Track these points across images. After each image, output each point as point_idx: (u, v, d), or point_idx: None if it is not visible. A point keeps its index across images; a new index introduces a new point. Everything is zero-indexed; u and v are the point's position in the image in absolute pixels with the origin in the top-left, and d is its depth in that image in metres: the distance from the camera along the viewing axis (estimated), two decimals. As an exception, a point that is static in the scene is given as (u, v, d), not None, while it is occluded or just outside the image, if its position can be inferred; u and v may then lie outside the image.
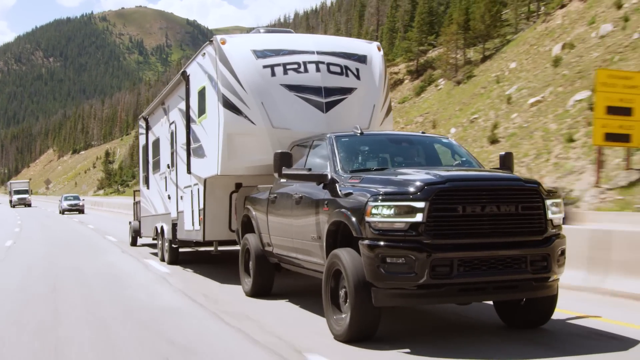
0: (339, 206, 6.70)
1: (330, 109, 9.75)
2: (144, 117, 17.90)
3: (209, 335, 7.10)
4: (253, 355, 6.22)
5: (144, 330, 7.51)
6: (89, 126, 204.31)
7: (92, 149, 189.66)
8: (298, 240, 7.85)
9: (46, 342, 6.96)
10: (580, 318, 7.60)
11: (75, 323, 7.94)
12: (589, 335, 6.83)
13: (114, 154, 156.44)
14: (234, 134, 9.73)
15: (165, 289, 10.70)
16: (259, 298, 9.27)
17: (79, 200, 59.34)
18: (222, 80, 9.78)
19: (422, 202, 5.95)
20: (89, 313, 8.60)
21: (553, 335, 6.76)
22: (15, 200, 75.85)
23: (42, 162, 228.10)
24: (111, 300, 9.55)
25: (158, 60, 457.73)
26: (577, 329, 7.10)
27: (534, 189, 6.36)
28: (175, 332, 7.27)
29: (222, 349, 6.52)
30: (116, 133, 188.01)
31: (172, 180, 13.76)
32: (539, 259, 6.29)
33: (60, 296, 10.05)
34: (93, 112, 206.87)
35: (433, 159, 8.05)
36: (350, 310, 6.33)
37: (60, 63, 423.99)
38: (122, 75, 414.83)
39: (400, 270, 5.98)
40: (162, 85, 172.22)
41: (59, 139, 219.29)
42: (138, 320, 8.04)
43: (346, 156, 7.58)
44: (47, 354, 6.49)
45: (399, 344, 6.41)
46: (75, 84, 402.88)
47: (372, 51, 10.69)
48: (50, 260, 15.61)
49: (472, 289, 6.19)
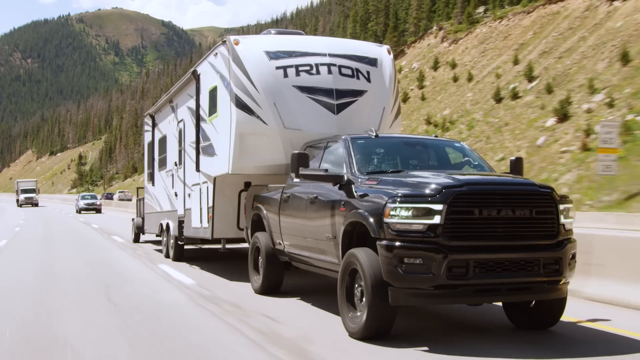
0: (356, 207, 6.84)
1: (341, 110, 9.89)
2: (150, 115, 18.00)
3: (216, 332, 7.24)
4: (264, 353, 6.34)
5: (146, 326, 7.65)
6: (65, 130, 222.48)
7: (67, 151, 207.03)
8: (312, 239, 7.98)
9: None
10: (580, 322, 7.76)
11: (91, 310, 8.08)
12: (599, 338, 7.00)
13: (86, 156, 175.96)
14: (246, 133, 9.86)
15: (172, 285, 10.82)
16: (268, 295, 9.40)
17: (96, 199, 57.28)
18: (235, 81, 9.91)
19: (440, 205, 6.10)
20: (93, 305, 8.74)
21: (562, 338, 6.92)
22: (22, 199, 74.59)
23: (22, 163, 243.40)
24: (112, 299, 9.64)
25: (134, 61, 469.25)
26: (587, 332, 7.27)
27: (547, 194, 6.51)
28: (182, 328, 7.42)
29: (228, 345, 6.64)
30: (89, 137, 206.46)
31: (180, 178, 13.87)
32: (551, 262, 6.44)
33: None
34: (69, 117, 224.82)
35: (446, 162, 8.20)
36: (366, 308, 6.47)
37: (38, 64, 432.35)
38: (99, 76, 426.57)
39: (417, 271, 6.12)
40: (132, 92, 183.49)
41: (37, 141, 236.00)
42: (140, 316, 8.18)
43: (362, 158, 7.72)
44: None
45: (415, 342, 6.55)
46: (53, 84, 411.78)
47: (382, 54, 10.84)
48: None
49: (486, 290, 6.34)
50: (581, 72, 42.70)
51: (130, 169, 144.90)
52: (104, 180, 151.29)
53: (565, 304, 7.04)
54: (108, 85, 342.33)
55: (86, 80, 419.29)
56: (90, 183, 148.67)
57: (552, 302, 6.91)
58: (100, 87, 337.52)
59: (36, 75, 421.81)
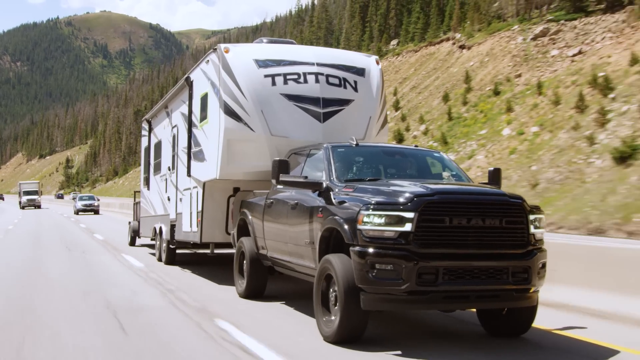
0: (332, 213, 7.02)
1: (328, 119, 10.06)
2: (147, 120, 18.21)
3: (192, 333, 7.41)
4: (236, 355, 6.50)
5: (127, 327, 7.82)
6: (53, 134, 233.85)
7: (56, 155, 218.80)
8: (292, 245, 8.16)
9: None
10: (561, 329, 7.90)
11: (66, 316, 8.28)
12: (571, 346, 7.15)
13: (73, 160, 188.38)
14: (234, 140, 10.04)
15: (152, 288, 11.00)
16: (251, 299, 9.57)
17: (94, 200, 56.86)
18: (224, 88, 10.09)
19: (411, 213, 6.27)
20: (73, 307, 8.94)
21: (532, 345, 7.07)
22: (25, 201, 74.03)
23: (13, 165, 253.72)
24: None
25: (122, 64, 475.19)
26: (557, 339, 7.42)
27: (518, 204, 6.67)
28: (159, 330, 7.61)
29: (203, 346, 6.81)
30: (76, 141, 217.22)
31: (172, 183, 14.06)
32: (520, 270, 6.60)
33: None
34: (57, 122, 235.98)
35: (424, 171, 8.37)
36: (339, 312, 6.64)
37: (27, 67, 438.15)
38: (87, 78, 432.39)
39: (388, 277, 6.29)
40: (117, 99, 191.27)
41: (27, 145, 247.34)
42: (120, 317, 8.32)
43: (341, 166, 7.90)
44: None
45: (387, 347, 6.72)
46: (42, 87, 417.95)
47: (370, 64, 11.02)
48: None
49: (455, 296, 6.50)
50: (424, 106, 58.08)
51: (112, 173, 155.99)
52: (89, 182, 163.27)
53: (536, 311, 7.20)
54: (96, 88, 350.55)
55: (75, 83, 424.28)
56: (76, 185, 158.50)
57: (523, 310, 7.07)
58: (89, 90, 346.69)
59: (25, 78, 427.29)
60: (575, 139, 35.04)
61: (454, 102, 54.20)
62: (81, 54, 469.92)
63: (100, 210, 55.94)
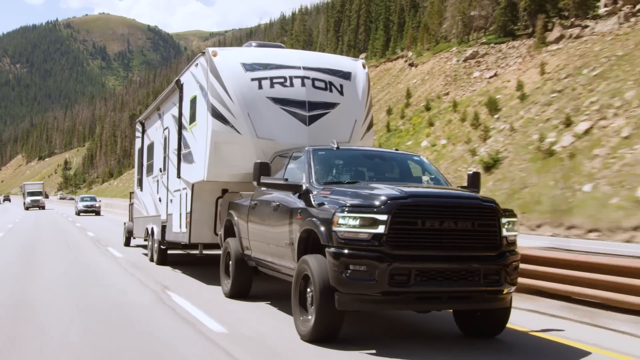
0: (310, 215, 7.17)
1: (313, 122, 10.21)
2: (140, 121, 18.37)
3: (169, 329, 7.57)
4: (213, 353, 6.66)
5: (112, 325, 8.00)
6: (52, 136, 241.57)
7: (54, 157, 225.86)
8: (273, 245, 8.32)
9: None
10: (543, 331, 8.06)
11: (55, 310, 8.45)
12: (544, 347, 7.30)
13: (71, 162, 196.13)
14: (221, 142, 10.19)
15: (143, 286, 11.17)
16: (236, 299, 9.72)
17: (95, 201, 56.33)
18: (212, 91, 10.25)
19: (384, 215, 6.43)
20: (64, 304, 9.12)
21: (505, 345, 7.23)
22: (29, 202, 73.55)
23: (13, 166, 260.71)
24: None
25: (120, 65, 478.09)
26: (531, 340, 7.57)
27: (490, 207, 6.83)
28: (139, 327, 7.80)
29: (185, 343, 6.98)
30: (75, 143, 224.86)
31: (164, 184, 14.21)
32: (492, 272, 6.74)
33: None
34: (56, 124, 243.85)
35: (403, 174, 8.53)
36: (315, 312, 6.79)
37: (26, 69, 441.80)
38: (86, 80, 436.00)
39: (361, 277, 6.44)
40: (114, 103, 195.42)
41: (27, 147, 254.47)
42: (107, 315, 8.54)
43: (321, 169, 8.06)
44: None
45: (364, 346, 6.89)
46: (41, 89, 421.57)
47: (357, 68, 11.17)
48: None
49: (428, 297, 6.65)
50: (375, 118, 61.16)
51: (108, 174, 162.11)
52: (86, 183, 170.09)
53: (510, 313, 7.36)
54: (95, 89, 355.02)
55: (74, 85, 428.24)
56: (74, 186, 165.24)
57: (496, 311, 7.22)
58: (87, 92, 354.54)
59: (25, 80, 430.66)
60: (465, 151, 43.60)
61: (394, 115, 62.94)
62: (80, 56, 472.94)
63: (102, 212, 55.76)
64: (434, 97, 60.41)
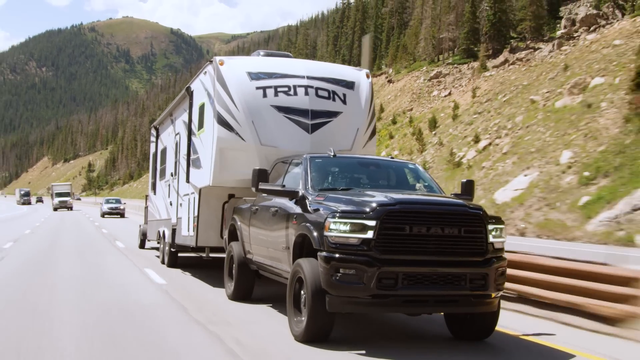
0: (304, 220, 7.46)
1: (316, 130, 10.49)
2: (154, 127, 18.78)
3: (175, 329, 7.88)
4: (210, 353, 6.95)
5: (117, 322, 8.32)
6: (77, 139, 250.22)
7: (79, 159, 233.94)
8: (272, 249, 8.61)
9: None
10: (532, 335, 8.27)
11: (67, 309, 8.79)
12: (527, 348, 7.52)
13: (95, 164, 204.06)
14: (226, 148, 10.51)
15: (153, 287, 11.50)
16: (239, 302, 10.02)
17: (120, 203, 56.00)
18: (218, 99, 10.57)
19: (373, 221, 6.70)
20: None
21: (493, 347, 7.46)
22: (56, 203, 73.91)
23: (39, 168, 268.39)
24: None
25: (143, 68, 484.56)
26: (518, 344, 7.79)
27: (477, 215, 7.06)
28: (143, 326, 8.10)
29: (185, 343, 7.28)
30: (98, 146, 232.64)
31: (174, 188, 14.57)
32: (478, 277, 6.98)
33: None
34: (80, 128, 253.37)
35: (397, 182, 8.79)
36: (307, 313, 7.07)
37: (52, 72, 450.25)
38: (110, 83, 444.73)
39: (350, 280, 6.71)
40: (136, 107, 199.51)
41: (52, 149, 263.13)
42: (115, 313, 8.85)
43: (317, 176, 8.34)
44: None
45: (354, 347, 7.13)
46: (66, 92, 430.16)
47: (360, 78, 11.43)
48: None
49: (415, 301, 6.90)
50: None
51: (128, 177, 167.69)
52: (108, 185, 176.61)
53: (498, 317, 7.58)
54: (118, 92, 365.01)
55: (98, 88, 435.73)
56: (97, 188, 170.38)
57: (484, 315, 7.45)
58: (111, 95, 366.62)
59: (50, 83, 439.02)
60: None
61: (366, 128, 71.51)
62: (104, 59, 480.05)
63: (126, 214, 55.71)
64: (400, 113, 67.53)
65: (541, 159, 35.64)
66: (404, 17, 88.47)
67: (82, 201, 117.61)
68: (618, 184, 27.22)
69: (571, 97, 40.75)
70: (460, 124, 52.85)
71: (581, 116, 37.22)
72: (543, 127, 40.30)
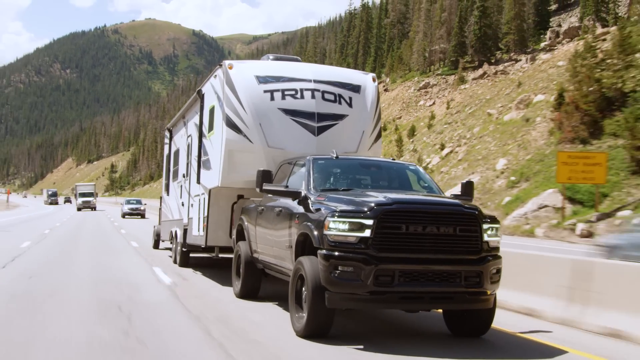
0: (306, 220, 7.74)
1: (322, 132, 10.75)
2: (168, 129, 19.13)
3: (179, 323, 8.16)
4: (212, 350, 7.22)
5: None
6: (100, 141, 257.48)
7: (102, 160, 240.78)
8: (276, 248, 8.89)
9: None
10: (531, 332, 8.47)
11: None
12: (521, 345, 7.73)
13: (117, 165, 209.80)
14: (234, 150, 10.79)
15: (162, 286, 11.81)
16: (246, 299, 10.31)
17: (141, 204, 56.04)
18: (227, 102, 10.86)
19: (370, 220, 6.95)
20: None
21: (486, 343, 7.68)
22: (80, 203, 74.64)
23: (64, 169, 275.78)
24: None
25: (166, 70, 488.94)
26: (512, 340, 8.00)
27: (471, 214, 7.29)
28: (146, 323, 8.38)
29: (188, 338, 7.56)
30: (120, 148, 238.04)
31: (186, 189, 14.88)
32: (473, 275, 7.21)
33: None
34: (103, 130, 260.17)
35: (398, 183, 9.04)
36: (307, 309, 7.33)
37: (76, 74, 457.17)
38: (133, 84, 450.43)
39: (348, 278, 6.97)
40: (158, 110, 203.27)
41: (76, 150, 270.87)
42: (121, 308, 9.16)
43: (319, 177, 8.61)
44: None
45: (352, 342, 7.39)
46: (90, 93, 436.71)
47: (366, 82, 11.68)
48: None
49: (411, 297, 7.15)
50: None
51: (149, 178, 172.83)
52: (130, 185, 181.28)
53: (494, 314, 7.81)
54: (141, 94, 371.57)
55: (121, 89, 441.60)
56: (119, 188, 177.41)
57: (480, 312, 7.68)
58: (134, 96, 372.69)
59: (75, 85, 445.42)
60: (388, 165, 57.29)
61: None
62: (127, 61, 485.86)
63: (146, 214, 55.54)
64: (390, 120, 71.23)
65: (484, 165, 42.14)
66: (405, 27, 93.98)
67: (102, 201, 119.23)
68: (533, 187, 32.70)
69: (517, 112, 47.51)
70: (433, 133, 59.55)
71: (520, 129, 43.48)
72: (491, 137, 47.13)
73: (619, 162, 29.83)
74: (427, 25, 79.81)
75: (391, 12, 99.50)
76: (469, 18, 71.80)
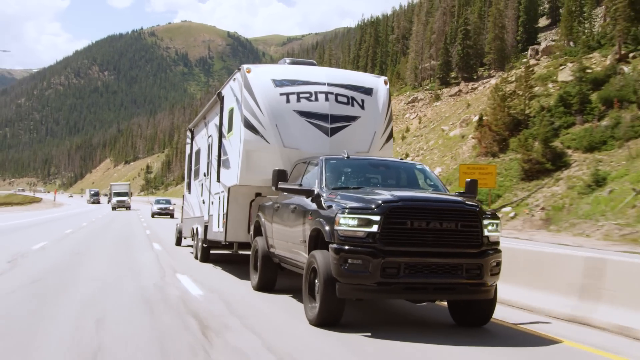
0: (318, 216, 8.27)
1: (335, 133, 11.28)
2: (190, 129, 19.78)
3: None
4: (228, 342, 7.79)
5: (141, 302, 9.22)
6: (136, 142, 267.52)
7: (138, 161, 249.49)
8: (291, 243, 9.43)
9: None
10: (532, 324, 8.94)
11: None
12: (518, 335, 8.21)
13: (152, 166, 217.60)
14: (252, 150, 11.35)
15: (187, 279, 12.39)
16: (263, 292, 10.86)
17: (170, 204, 56.59)
18: (245, 104, 11.41)
19: (377, 216, 7.47)
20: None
21: (486, 333, 8.17)
22: (114, 202, 75.88)
23: (102, 169, 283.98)
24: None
25: (201, 71, 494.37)
26: (511, 331, 8.48)
27: (472, 211, 7.79)
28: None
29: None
30: (156, 149, 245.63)
31: (207, 187, 15.48)
32: (473, 267, 7.70)
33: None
34: (140, 132, 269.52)
35: (405, 181, 9.55)
36: (319, 300, 7.87)
37: (114, 76, 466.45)
38: (169, 86, 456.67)
39: (357, 270, 7.49)
40: (192, 112, 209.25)
41: (114, 152, 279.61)
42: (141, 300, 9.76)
43: (331, 176, 9.14)
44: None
45: (360, 330, 7.92)
46: (127, 95, 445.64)
47: (378, 85, 12.18)
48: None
49: (415, 288, 7.65)
50: None
51: (181, 178, 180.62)
52: (164, 185, 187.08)
53: (494, 305, 8.29)
54: (177, 95, 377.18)
55: (157, 91, 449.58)
56: (154, 188, 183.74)
57: (481, 303, 8.17)
58: (170, 97, 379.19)
59: (112, 87, 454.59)
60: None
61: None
62: (163, 63, 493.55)
63: (176, 214, 54.94)
64: None
65: (426, 174, 50.57)
66: (407, 43, 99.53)
67: (138, 200, 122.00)
68: (452, 190, 38.49)
69: (460, 129, 56.38)
70: (404, 144, 66.57)
71: (456, 143, 52.76)
72: (438, 150, 56.37)
73: (513, 171, 40.10)
74: (419, 45, 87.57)
75: (396, 29, 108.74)
76: (455, 39, 79.01)
